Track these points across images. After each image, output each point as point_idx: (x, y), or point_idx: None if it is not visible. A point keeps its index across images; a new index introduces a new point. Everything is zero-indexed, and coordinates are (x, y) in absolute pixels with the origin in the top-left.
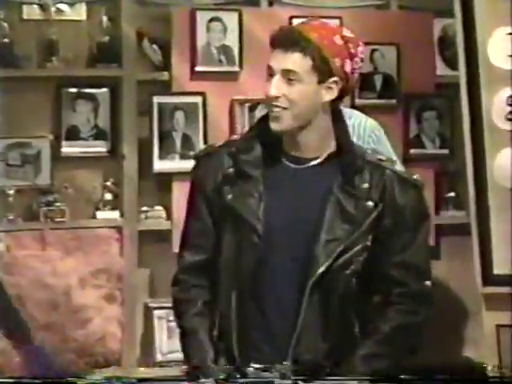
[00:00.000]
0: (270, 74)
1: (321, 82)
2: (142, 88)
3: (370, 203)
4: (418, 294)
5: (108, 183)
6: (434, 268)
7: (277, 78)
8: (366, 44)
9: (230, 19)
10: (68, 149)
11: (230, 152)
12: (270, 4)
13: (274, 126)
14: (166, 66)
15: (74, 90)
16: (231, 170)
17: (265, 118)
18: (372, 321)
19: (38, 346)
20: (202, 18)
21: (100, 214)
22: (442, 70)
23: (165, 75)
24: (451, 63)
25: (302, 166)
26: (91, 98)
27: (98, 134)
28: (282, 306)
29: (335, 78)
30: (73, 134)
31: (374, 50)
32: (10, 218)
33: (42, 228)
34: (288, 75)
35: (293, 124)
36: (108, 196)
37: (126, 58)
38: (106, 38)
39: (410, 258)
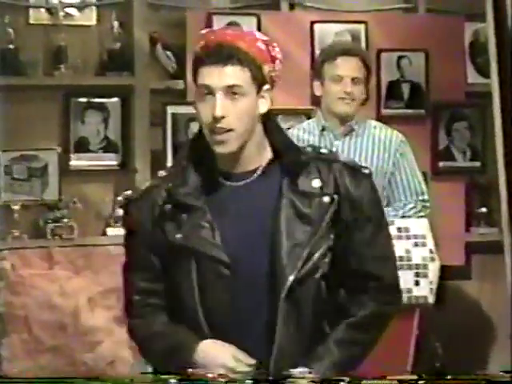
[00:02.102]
0: (206, 93)
1: (258, 92)
2: (154, 97)
3: (326, 199)
4: (391, 285)
5: (119, 198)
6: (464, 288)
7: (220, 97)
8: (393, 50)
9: (248, 24)
10: (77, 162)
11: (166, 189)
12: (291, 8)
13: (220, 149)
14: (181, 73)
15: (83, 99)
16: (169, 206)
17: (196, 140)
18: (343, 306)
19: None
20: (218, 22)
21: (110, 231)
22: (473, 77)
23: (179, 84)
24: (483, 70)
25: (245, 181)
26: (101, 108)
27: (109, 146)
28: (254, 324)
29: (267, 86)
30: (82, 146)
31: (401, 57)
32: (16, 234)
33: (48, 246)
34: (231, 91)
35: (239, 144)
36: (119, 212)
37: (138, 65)
38: (117, 45)
39: (380, 250)
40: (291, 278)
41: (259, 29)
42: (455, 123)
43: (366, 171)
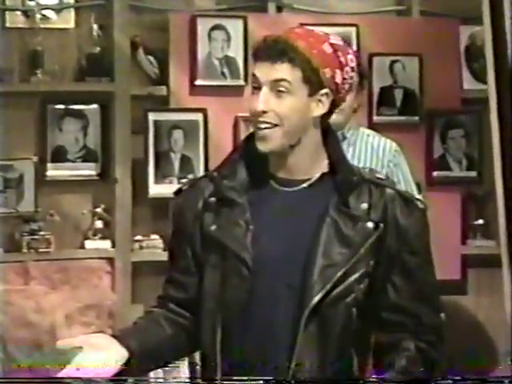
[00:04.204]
0: (255, 86)
1: (311, 94)
2: (136, 104)
3: (370, 224)
4: (429, 326)
5: (98, 210)
6: (459, 304)
7: (264, 91)
8: (385, 55)
9: (234, 27)
10: (54, 172)
11: (212, 178)
12: (279, 10)
13: (261, 146)
14: (163, 79)
15: (60, 106)
16: (213, 198)
17: (250, 138)
18: (379, 342)
19: None
20: (203, 25)
21: (89, 244)
22: (469, 83)
23: (162, 90)
24: (479, 76)
25: (293, 188)
26: (80, 115)
27: (88, 156)
28: (276, 339)
29: (326, 90)
30: (59, 156)
31: (393, 62)
32: None
33: (24, 260)
34: (278, 86)
35: (282, 143)
36: (98, 224)
37: (118, 70)
38: (97, 49)
39: (420, 287)
40: (317, 298)
41: (245, 32)
42: (450, 131)
43: (421, 205)
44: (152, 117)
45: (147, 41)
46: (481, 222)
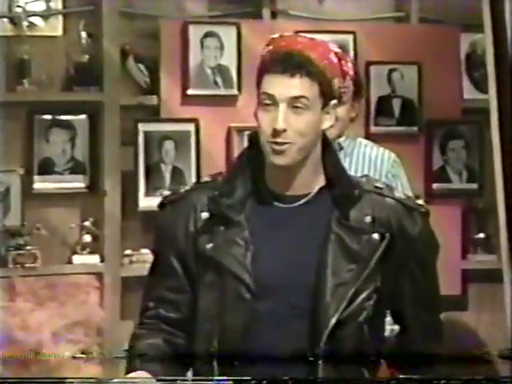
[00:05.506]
0: (269, 103)
1: (323, 107)
2: (125, 114)
3: (376, 236)
4: (434, 334)
5: (87, 223)
6: (460, 320)
7: (283, 108)
8: (383, 63)
9: (228, 34)
10: (41, 184)
11: (209, 196)
12: (274, 16)
13: (278, 160)
14: (154, 88)
15: (47, 117)
16: (206, 213)
17: (247, 152)
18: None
19: None
20: (195, 32)
21: (77, 259)
22: (469, 92)
23: (152, 99)
24: (480, 85)
25: (292, 204)
26: (67, 126)
27: (76, 168)
28: (282, 360)
29: (335, 101)
30: (46, 168)
31: (392, 70)
32: None
33: (10, 275)
34: (296, 103)
35: (297, 158)
36: (87, 238)
37: (107, 79)
38: (85, 57)
39: (429, 294)
40: (333, 320)
41: (239, 39)
42: (450, 142)
43: (423, 209)
44: (142, 127)
45: (137, 49)
46: (482, 235)
